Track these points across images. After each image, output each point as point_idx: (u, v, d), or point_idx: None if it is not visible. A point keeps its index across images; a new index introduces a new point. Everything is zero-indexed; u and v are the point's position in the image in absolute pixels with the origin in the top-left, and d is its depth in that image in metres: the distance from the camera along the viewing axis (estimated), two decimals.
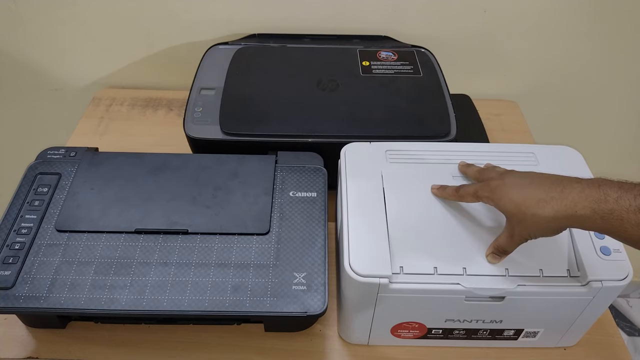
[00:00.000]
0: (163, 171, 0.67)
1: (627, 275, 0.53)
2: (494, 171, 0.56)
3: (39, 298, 0.55)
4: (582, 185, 0.46)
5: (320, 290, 0.56)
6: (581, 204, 0.45)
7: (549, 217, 0.46)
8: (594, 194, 0.44)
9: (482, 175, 0.57)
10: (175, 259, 0.58)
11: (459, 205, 0.58)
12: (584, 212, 0.44)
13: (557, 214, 0.46)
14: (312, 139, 0.71)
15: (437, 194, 0.59)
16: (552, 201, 0.46)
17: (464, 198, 0.56)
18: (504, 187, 0.51)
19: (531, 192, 0.48)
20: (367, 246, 0.54)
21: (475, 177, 0.59)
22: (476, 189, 0.54)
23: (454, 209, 0.58)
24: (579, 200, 0.45)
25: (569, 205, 0.45)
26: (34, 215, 0.62)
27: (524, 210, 0.48)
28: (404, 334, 0.61)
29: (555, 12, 0.90)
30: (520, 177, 0.51)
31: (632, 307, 1.51)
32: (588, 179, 0.47)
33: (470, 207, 0.58)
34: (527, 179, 0.50)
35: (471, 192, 0.54)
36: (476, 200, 0.54)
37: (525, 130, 0.95)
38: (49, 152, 0.69)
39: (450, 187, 0.58)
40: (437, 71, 0.82)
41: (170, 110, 0.96)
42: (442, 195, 0.59)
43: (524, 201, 0.48)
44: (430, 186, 0.60)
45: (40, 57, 0.98)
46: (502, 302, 0.54)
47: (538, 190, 0.48)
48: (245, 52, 0.85)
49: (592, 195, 0.44)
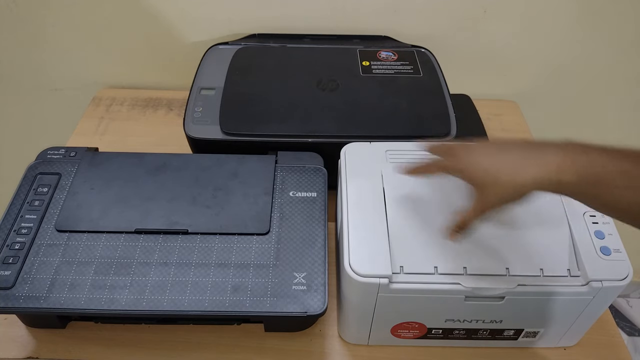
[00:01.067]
0: (163, 171, 0.67)
1: (627, 275, 0.53)
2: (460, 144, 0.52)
3: (39, 298, 0.55)
4: (562, 150, 0.43)
5: (320, 290, 0.56)
6: (566, 167, 0.42)
7: (526, 183, 0.43)
8: (581, 159, 0.42)
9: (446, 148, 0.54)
10: (175, 259, 0.58)
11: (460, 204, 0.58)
12: (569, 177, 0.42)
13: (536, 179, 0.43)
14: (312, 139, 0.71)
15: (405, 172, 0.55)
16: (531, 167, 0.43)
17: (429, 169, 0.53)
18: (473, 155, 0.48)
19: (504, 157, 0.45)
20: (367, 246, 0.54)
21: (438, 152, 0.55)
22: (444, 162, 0.51)
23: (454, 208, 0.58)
24: (564, 164, 0.42)
25: (552, 169, 0.42)
26: (34, 215, 0.62)
27: (496, 176, 0.45)
28: (404, 334, 0.61)
29: (555, 12, 0.90)
30: (489, 145, 0.48)
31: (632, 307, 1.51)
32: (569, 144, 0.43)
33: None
34: (499, 144, 0.48)
35: (439, 165, 0.51)
36: (443, 171, 0.51)
37: (525, 130, 0.95)
38: (49, 152, 0.69)
39: (418, 164, 0.54)
40: (437, 71, 0.82)
41: (170, 110, 0.96)
42: (410, 173, 0.55)
43: (497, 167, 0.45)
44: (430, 186, 0.60)
45: (40, 57, 0.98)
46: (502, 301, 0.54)
47: (512, 156, 0.45)
48: (245, 52, 0.85)
49: (578, 160, 0.42)
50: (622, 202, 0.41)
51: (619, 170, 0.40)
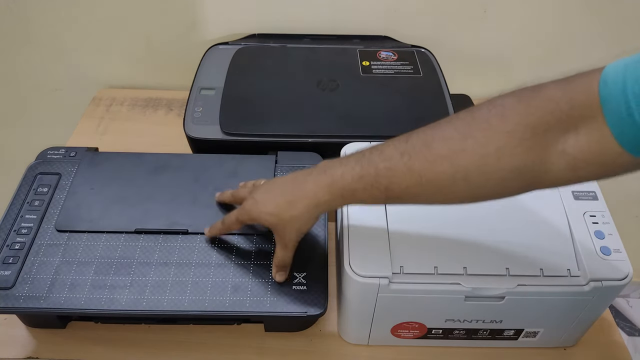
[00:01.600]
0: (163, 171, 0.67)
1: (627, 275, 0.53)
2: (246, 189, 0.59)
3: (39, 298, 0.55)
4: (313, 176, 0.50)
5: (320, 290, 0.56)
6: (320, 192, 0.49)
7: (303, 213, 0.50)
8: (324, 180, 0.48)
9: (238, 196, 0.60)
10: (175, 259, 0.58)
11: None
12: (325, 197, 0.49)
13: (307, 207, 0.50)
14: (312, 139, 0.71)
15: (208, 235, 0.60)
16: (299, 200, 0.50)
17: (231, 228, 0.58)
18: (257, 205, 0.53)
19: (280, 198, 0.52)
20: (367, 246, 0.54)
21: (232, 201, 0.61)
22: (237, 216, 0.56)
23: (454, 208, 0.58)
24: (317, 189, 0.49)
25: (312, 197, 0.49)
26: (34, 215, 0.61)
27: (282, 217, 0.51)
28: (404, 334, 0.61)
29: (555, 12, 0.90)
30: (267, 189, 0.54)
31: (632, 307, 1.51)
32: (316, 167, 0.50)
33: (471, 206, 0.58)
34: (272, 187, 0.54)
35: (234, 220, 0.56)
36: (241, 225, 0.57)
37: None
38: (49, 152, 0.69)
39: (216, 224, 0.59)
40: (437, 71, 0.82)
41: (170, 110, 0.96)
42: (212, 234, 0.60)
43: (278, 209, 0.51)
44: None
45: (40, 57, 0.98)
46: (502, 301, 0.54)
47: (285, 195, 0.51)
48: (245, 52, 0.85)
49: (323, 180, 0.49)
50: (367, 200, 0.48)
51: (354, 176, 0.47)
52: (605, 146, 0.39)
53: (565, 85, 0.41)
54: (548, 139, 0.41)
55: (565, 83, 0.41)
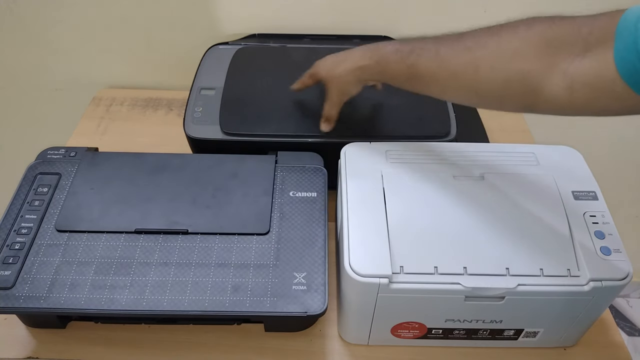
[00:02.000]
0: (163, 171, 0.67)
1: (627, 275, 0.53)
2: None
3: (39, 298, 0.55)
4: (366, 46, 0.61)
5: (320, 290, 0.56)
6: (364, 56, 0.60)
7: (347, 72, 0.62)
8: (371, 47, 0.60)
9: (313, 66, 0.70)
10: (175, 259, 0.58)
11: (460, 204, 0.58)
12: (365, 61, 0.60)
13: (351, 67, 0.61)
14: (312, 139, 0.71)
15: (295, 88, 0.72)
16: (347, 60, 0.62)
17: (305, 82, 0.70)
18: (320, 61, 0.67)
19: (336, 58, 0.64)
20: (367, 246, 0.54)
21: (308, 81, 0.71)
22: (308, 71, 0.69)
23: (454, 208, 0.58)
24: (362, 54, 0.60)
25: (357, 59, 0.61)
26: (34, 215, 0.62)
27: (331, 73, 0.64)
28: (404, 334, 0.61)
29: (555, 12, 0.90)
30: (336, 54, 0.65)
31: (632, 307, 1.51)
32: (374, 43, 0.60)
33: (471, 205, 0.58)
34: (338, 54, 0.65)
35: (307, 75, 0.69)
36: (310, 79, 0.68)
37: (525, 130, 0.95)
38: (49, 152, 0.69)
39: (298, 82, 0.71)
40: None
41: (170, 110, 0.96)
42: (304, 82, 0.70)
43: (331, 66, 0.64)
44: (430, 186, 0.60)
45: (40, 57, 0.98)
46: (502, 301, 0.54)
47: (340, 56, 0.64)
48: (245, 52, 0.85)
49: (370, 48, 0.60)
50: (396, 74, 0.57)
51: (392, 49, 0.57)
52: (604, 70, 0.42)
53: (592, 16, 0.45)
54: (557, 55, 0.45)
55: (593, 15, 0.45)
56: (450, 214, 0.57)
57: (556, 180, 0.61)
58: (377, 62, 0.58)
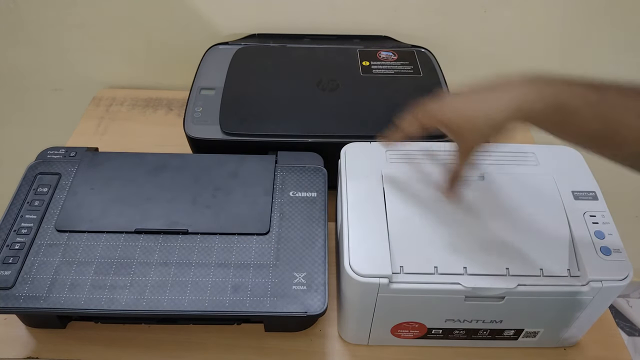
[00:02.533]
0: (163, 171, 0.67)
1: (627, 275, 0.53)
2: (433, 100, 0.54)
3: (39, 298, 0.55)
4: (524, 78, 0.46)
5: (320, 290, 0.56)
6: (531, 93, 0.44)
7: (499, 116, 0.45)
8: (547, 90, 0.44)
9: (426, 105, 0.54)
10: (175, 259, 0.58)
11: (460, 204, 0.58)
12: (538, 106, 0.44)
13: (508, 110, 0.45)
14: (312, 139, 0.71)
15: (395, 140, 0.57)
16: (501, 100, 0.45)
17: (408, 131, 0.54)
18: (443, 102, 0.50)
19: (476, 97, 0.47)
20: (367, 246, 0.54)
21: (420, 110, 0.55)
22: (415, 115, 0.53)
23: (454, 208, 0.58)
24: (530, 95, 0.44)
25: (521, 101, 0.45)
26: (34, 215, 0.62)
27: (472, 116, 0.47)
28: (404, 334, 0.61)
29: (555, 12, 0.90)
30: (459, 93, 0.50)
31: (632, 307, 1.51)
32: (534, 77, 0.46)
33: (471, 206, 0.58)
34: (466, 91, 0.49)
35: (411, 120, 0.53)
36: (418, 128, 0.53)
37: (525, 130, 0.95)
38: (49, 152, 0.69)
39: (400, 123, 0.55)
40: (437, 71, 0.82)
41: (170, 110, 0.96)
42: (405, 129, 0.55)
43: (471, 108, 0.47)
44: (430, 186, 0.60)
45: (40, 57, 0.98)
46: (502, 301, 0.54)
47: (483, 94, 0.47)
48: (245, 52, 0.85)
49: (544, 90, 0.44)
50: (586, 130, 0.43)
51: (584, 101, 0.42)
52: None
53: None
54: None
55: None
56: (450, 214, 0.57)
57: (556, 180, 0.61)
58: (555, 109, 0.43)
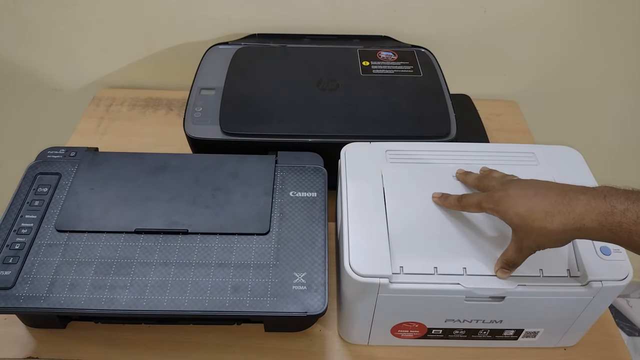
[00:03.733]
0: (163, 171, 0.67)
1: (627, 275, 0.53)
2: (494, 179, 0.55)
3: (39, 298, 0.55)
4: (587, 197, 0.45)
5: (320, 290, 0.56)
6: (588, 216, 0.44)
7: (557, 230, 0.46)
8: (601, 206, 0.44)
9: (483, 183, 0.56)
10: (175, 259, 0.58)
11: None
12: (592, 225, 0.44)
13: (565, 227, 0.45)
14: (312, 139, 0.71)
15: (439, 203, 0.58)
16: (559, 214, 0.46)
17: (466, 208, 0.55)
18: (508, 199, 0.50)
19: (537, 204, 0.47)
20: (367, 246, 0.54)
21: (475, 185, 0.58)
22: (479, 200, 0.53)
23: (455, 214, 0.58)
24: (586, 213, 0.44)
25: (577, 218, 0.45)
26: (34, 215, 0.61)
27: (530, 223, 0.47)
28: (404, 334, 0.61)
29: (555, 12, 0.90)
30: (524, 188, 0.50)
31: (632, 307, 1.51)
32: (594, 189, 0.46)
33: None
34: (532, 189, 0.49)
35: (474, 203, 0.54)
36: (479, 211, 0.54)
37: (525, 130, 0.95)
38: (49, 152, 0.69)
39: (452, 197, 0.57)
40: (437, 71, 0.82)
41: (170, 110, 0.96)
42: (444, 205, 0.57)
43: (531, 214, 0.47)
44: (430, 186, 0.60)
45: (40, 57, 0.98)
46: (502, 302, 0.54)
47: (544, 202, 0.47)
48: (245, 52, 0.85)
49: (598, 207, 0.44)
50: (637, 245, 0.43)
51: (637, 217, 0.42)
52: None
53: None
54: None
55: None
56: (450, 214, 0.58)
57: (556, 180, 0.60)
58: (610, 230, 0.43)
